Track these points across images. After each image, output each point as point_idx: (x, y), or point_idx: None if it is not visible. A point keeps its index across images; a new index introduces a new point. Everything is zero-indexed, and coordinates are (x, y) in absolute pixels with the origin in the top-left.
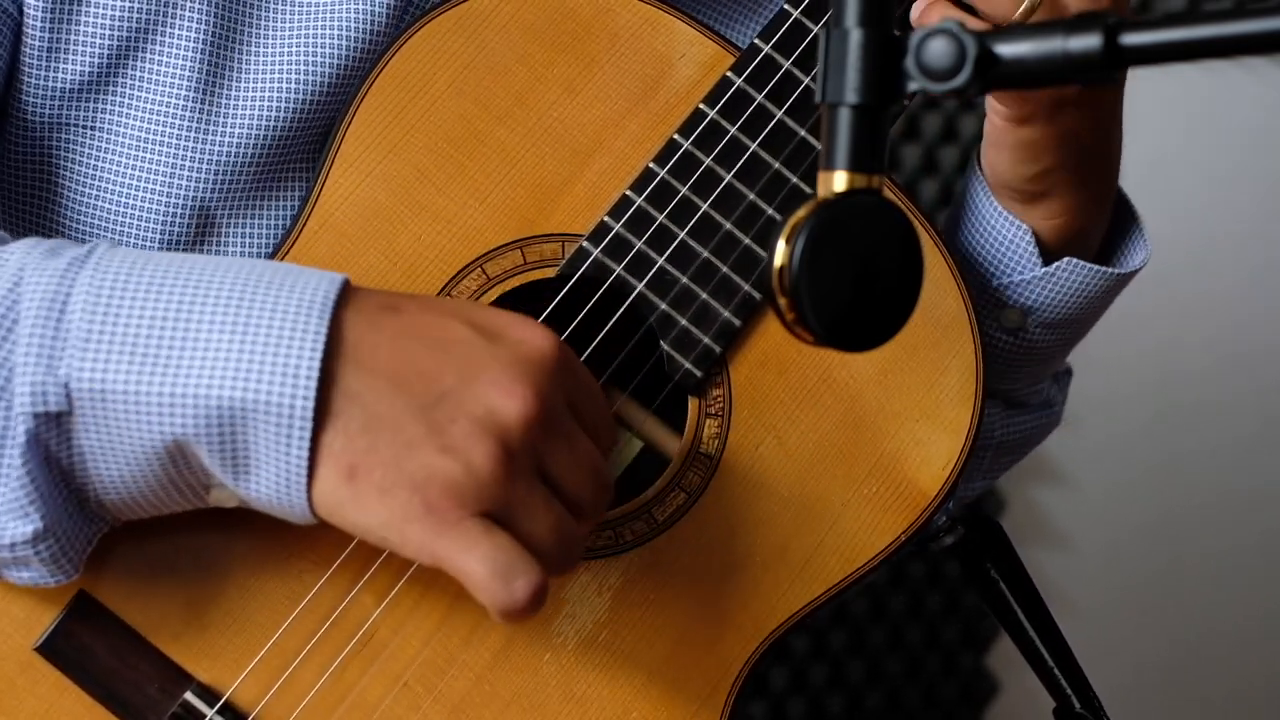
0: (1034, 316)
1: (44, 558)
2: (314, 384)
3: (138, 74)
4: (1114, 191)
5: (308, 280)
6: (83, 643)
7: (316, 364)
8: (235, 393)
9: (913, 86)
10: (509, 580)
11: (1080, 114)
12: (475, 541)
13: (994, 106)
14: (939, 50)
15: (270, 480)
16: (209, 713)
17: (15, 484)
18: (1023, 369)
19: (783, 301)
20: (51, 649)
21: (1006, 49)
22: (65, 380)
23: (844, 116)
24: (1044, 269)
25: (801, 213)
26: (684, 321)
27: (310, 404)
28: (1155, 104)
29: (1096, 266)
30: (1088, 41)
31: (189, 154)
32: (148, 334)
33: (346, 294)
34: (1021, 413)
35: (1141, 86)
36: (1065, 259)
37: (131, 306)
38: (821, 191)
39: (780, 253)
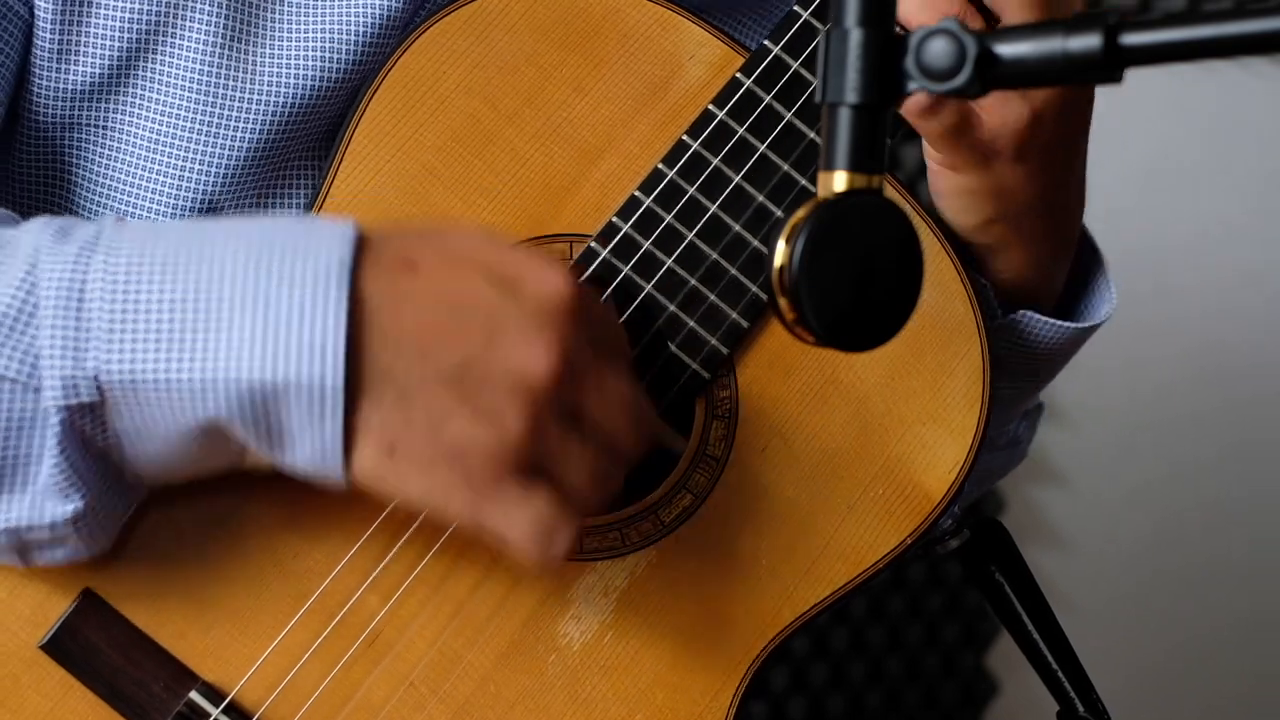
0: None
1: (83, 534)
2: (341, 360)
3: (148, 75)
4: (1072, 247)
5: (320, 241)
6: (88, 641)
7: (342, 339)
8: (265, 374)
9: (913, 86)
10: (550, 540)
11: (1018, 169)
12: (516, 505)
13: (927, 150)
14: (939, 50)
15: (306, 454)
16: (214, 712)
17: (53, 467)
18: None
19: (783, 301)
20: (57, 647)
21: (1006, 49)
22: (94, 373)
23: (844, 116)
24: (1001, 320)
25: (801, 213)
26: (692, 323)
27: (340, 381)
28: (1155, 104)
29: (1054, 321)
30: (1088, 41)
31: (199, 154)
32: (169, 319)
33: (361, 252)
34: (987, 450)
35: (1141, 86)
36: (1022, 312)
37: (149, 291)
38: (821, 191)
39: (780, 253)
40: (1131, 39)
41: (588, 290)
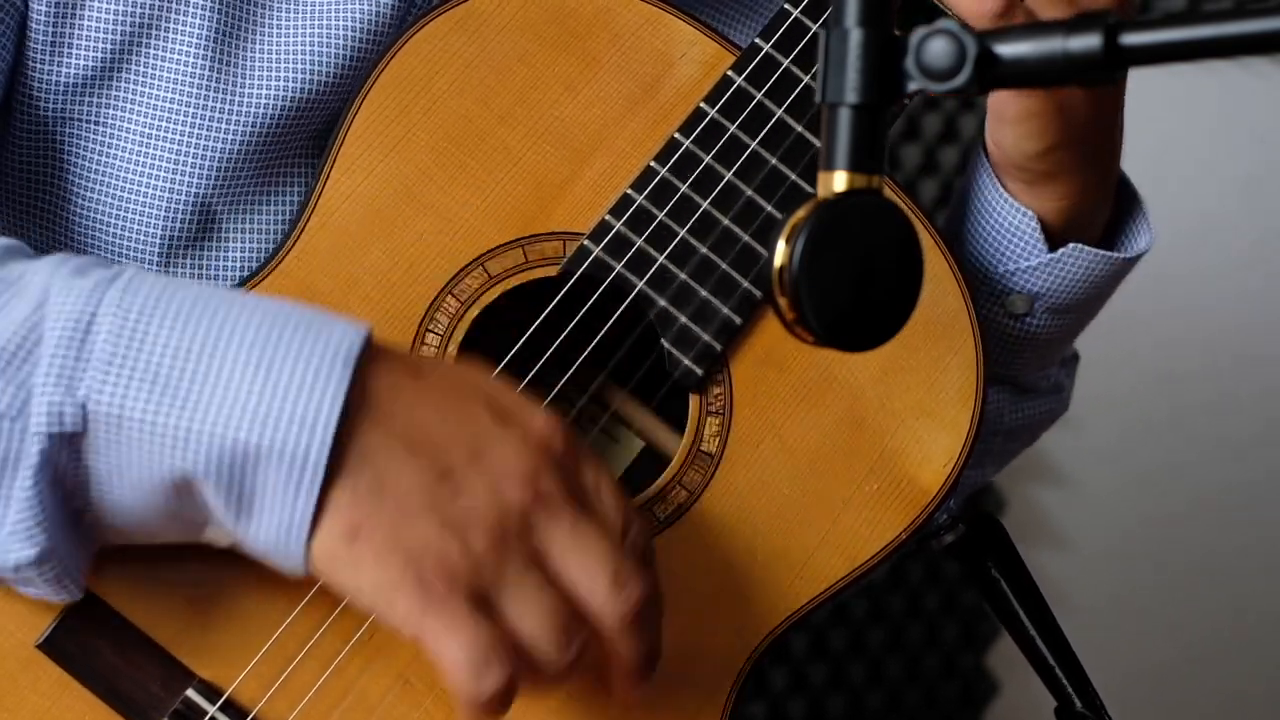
0: (1040, 302)
1: (48, 579)
2: (330, 436)
3: (142, 69)
4: (1116, 174)
5: (334, 328)
6: (85, 640)
7: (335, 416)
8: (251, 436)
9: (913, 86)
10: (480, 673)
11: (1077, 95)
12: (459, 625)
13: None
14: (939, 50)
15: (271, 526)
16: (211, 710)
17: (24, 506)
18: (1029, 354)
19: (783, 301)
20: (54, 646)
21: (1006, 49)
22: (83, 401)
23: (844, 116)
24: (1050, 255)
25: (801, 213)
26: (684, 319)
27: (325, 456)
28: (1156, 104)
29: (1101, 251)
30: (1088, 41)
31: (192, 148)
32: (170, 364)
33: (371, 347)
34: (1031, 398)
35: (1142, 86)
36: (1071, 245)
37: (158, 334)
38: (821, 191)
39: (780, 253)
40: (1131, 39)
41: (581, 442)
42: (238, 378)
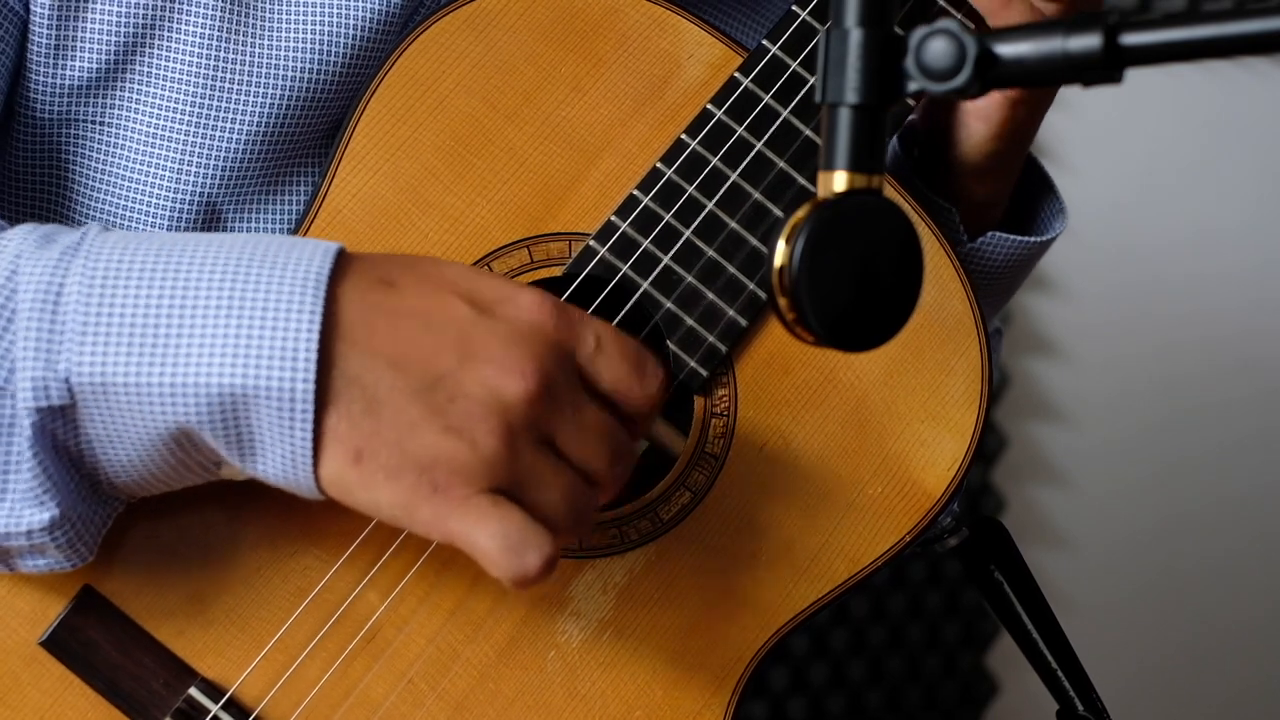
0: None
1: (60, 543)
2: (313, 367)
3: (146, 69)
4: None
5: (300, 254)
6: (88, 637)
7: (314, 346)
8: (235, 379)
9: (913, 86)
10: (520, 553)
11: (1049, 95)
12: (484, 517)
13: None
14: (939, 50)
15: (277, 462)
16: (213, 708)
17: (28, 474)
18: None
19: (783, 301)
20: (56, 643)
21: (1006, 49)
22: (65, 375)
23: (844, 116)
24: (970, 244)
25: (801, 213)
26: (690, 321)
27: (310, 387)
28: (1156, 104)
29: (1018, 237)
30: (1088, 41)
31: (196, 148)
32: (144, 322)
33: (341, 267)
34: None
35: (1142, 86)
36: (990, 233)
37: (125, 294)
38: (821, 191)
39: (780, 253)
40: (1131, 39)
41: (574, 318)
42: (211, 322)
